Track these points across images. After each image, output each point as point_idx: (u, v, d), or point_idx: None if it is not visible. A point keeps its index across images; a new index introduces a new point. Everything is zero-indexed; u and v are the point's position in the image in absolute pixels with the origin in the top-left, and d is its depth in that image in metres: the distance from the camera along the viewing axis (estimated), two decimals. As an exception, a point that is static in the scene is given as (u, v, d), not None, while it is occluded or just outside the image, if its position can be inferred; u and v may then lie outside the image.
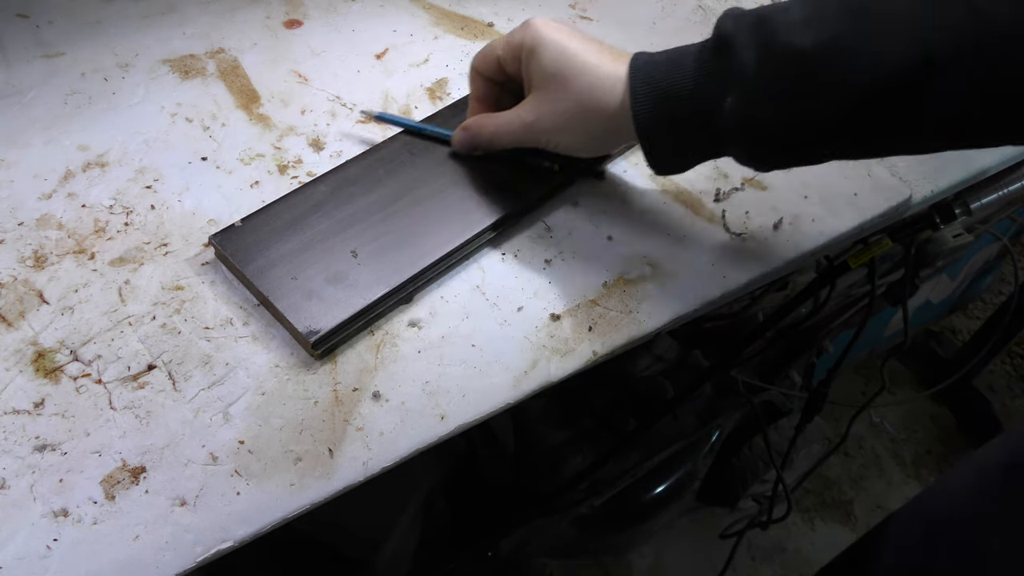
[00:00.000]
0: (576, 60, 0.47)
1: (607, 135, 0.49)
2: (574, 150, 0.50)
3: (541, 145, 0.50)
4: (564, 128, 0.48)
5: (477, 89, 0.53)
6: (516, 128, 0.50)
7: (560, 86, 0.47)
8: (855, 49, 0.39)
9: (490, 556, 0.98)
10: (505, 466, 0.96)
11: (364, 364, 0.46)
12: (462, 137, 0.53)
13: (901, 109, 0.39)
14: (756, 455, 1.23)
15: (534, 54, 0.48)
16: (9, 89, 0.56)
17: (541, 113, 0.48)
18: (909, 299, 0.85)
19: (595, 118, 0.47)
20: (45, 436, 0.40)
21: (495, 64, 0.51)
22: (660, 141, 0.46)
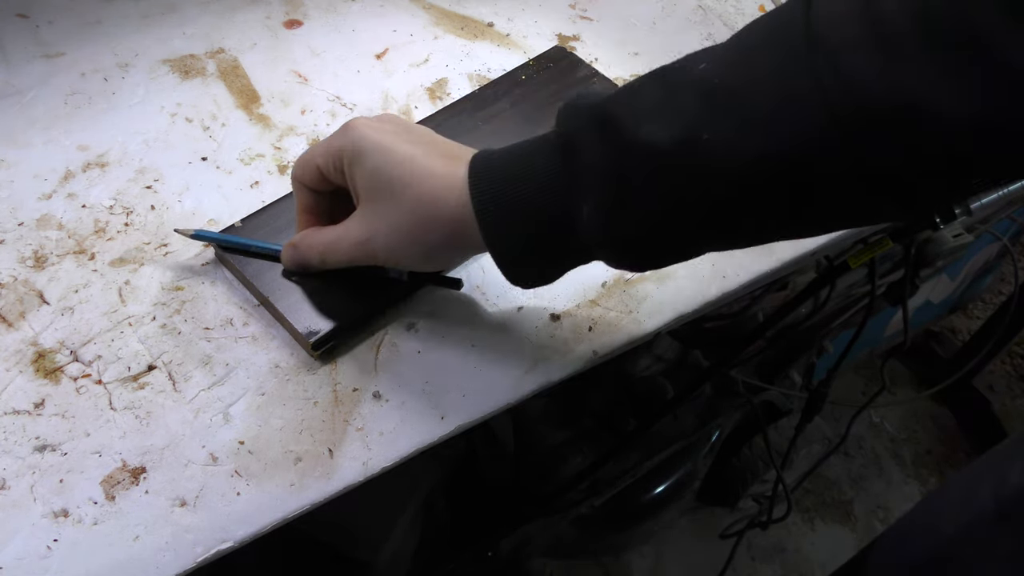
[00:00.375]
0: (405, 167, 0.40)
1: (451, 249, 0.42)
2: (416, 267, 0.45)
3: (379, 263, 0.44)
4: (400, 245, 0.42)
5: (303, 200, 0.46)
6: (348, 246, 0.43)
7: (389, 197, 0.41)
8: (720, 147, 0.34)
9: (490, 556, 0.98)
10: (505, 466, 0.96)
11: (364, 364, 0.46)
12: (291, 255, 0.46)
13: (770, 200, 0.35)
14: (756, 455, 1.23)
15: (356, 163, 0.41)
16: (9, 89, 0.56)
17: (372, 230, 0.42)
18: (909, 299, 0.85)
19: (433, 230, 0.41)
20: (45, 436, 0.40)
21: (316, 174, 0.44)
22: (515, 257, 0.41)
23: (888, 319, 1.35)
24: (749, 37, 0.35)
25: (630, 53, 0.67)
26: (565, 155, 0.38)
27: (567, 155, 0.38)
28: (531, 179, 0.38)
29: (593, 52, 0.66)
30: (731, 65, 0.34)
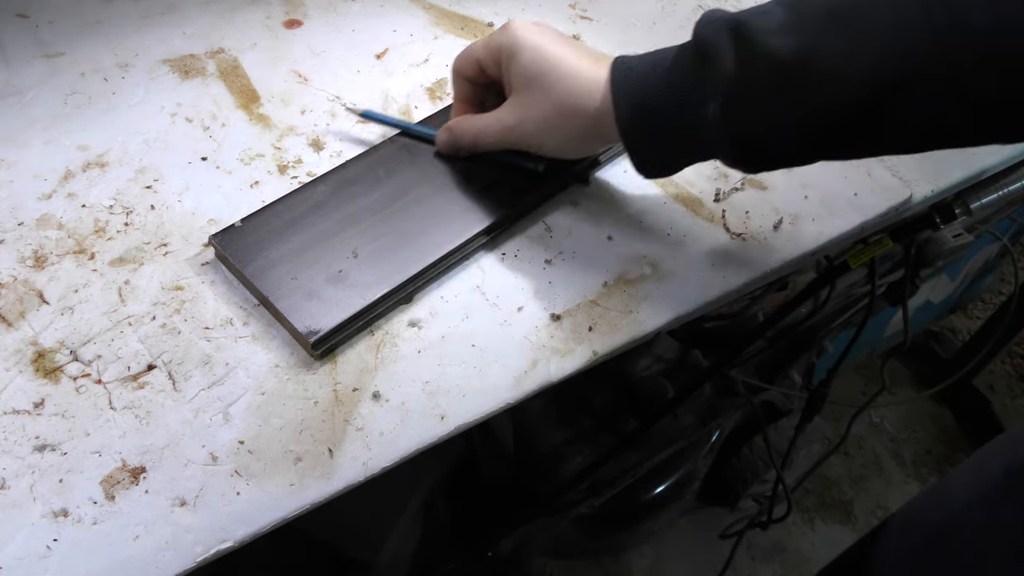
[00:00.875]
0: (555, 64, 0.47)
1: (589, 138, 0.49)
2: (557, 152, 0.51)
3: (523, 147, 0.51)
4: (545, 131, 0.49)
5: (460, 90, 0.53)
6: (498, 130, 0.50)
7: (540, 90, 0.48)
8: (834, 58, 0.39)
9: (490, 556, 0.98)
10: (505, 466, 0.96)
11: (364, 364, 0.46)
12: (445, 138, 0.53)
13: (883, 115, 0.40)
14: (756, 455, 1.23)
15: (513, 57, 0.48)
16: (9, 89, 0.56)
17: (522, 116, 0.49)
18: (909, 299, 0.85)
19: (576, 122, 0.48)
20: (45, 436, 0.40)
21: (476, 66, 0.51)
22: (644, 146, 0.47)
23: (888, 319, 1.35)
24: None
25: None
26: (699, 59, 0.43)
27: (701, 59, 0.43)
28: (666, 79, 0.44)
29: (593, 52, 0.66)
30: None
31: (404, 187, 0.52)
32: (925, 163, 0.63)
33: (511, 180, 0.53)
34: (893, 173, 0.61)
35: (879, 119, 0.40)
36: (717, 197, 0.57)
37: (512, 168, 0.53)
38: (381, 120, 0.57)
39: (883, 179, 0.60)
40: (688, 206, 0.56)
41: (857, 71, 0.39)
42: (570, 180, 0.55)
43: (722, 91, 0.42)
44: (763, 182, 0.59)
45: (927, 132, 0.41)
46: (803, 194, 0.58)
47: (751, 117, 0.42)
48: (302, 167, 0.55)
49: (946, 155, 0.64)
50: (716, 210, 0.56)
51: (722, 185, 0.58)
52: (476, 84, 0.53)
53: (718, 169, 0.59)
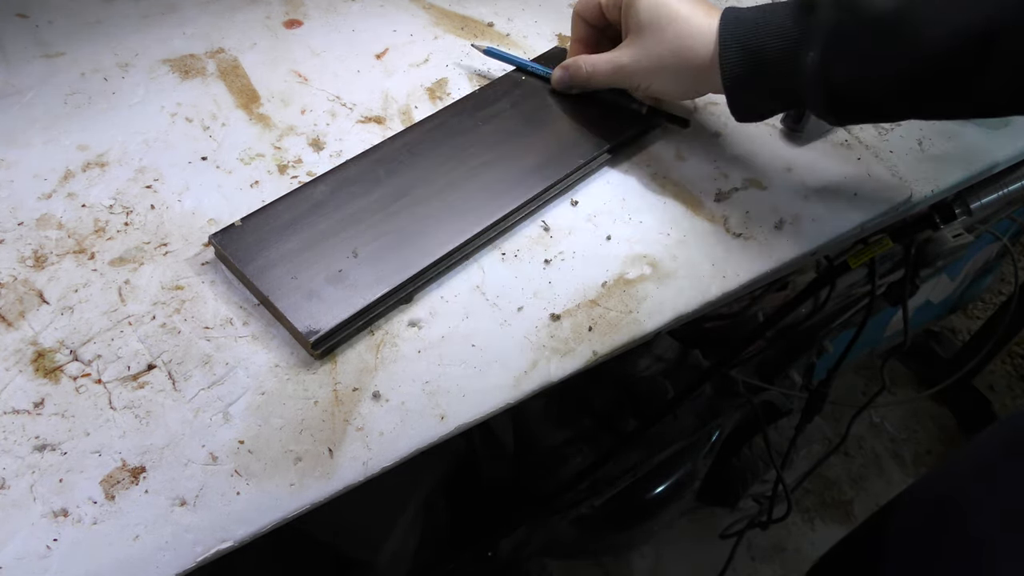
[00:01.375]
0: (671, 10, 0.51)
1: (695, 82, 0.53)
2: (663, 94, 0.56)
3: (633, 87, 0.55)
4: (656, 73, 0.53)
5: (578, 31, 0.58)
6: (612, 69, 0.55)
7: (655, 34, 0.52)
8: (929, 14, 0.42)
9: (490, 556, 0.98)
10: (505, 466, 0.96)
11: (364, 364, 0.46)
12: (561, 75, 0.58)
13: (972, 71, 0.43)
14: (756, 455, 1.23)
15: (633, 3, 0.52)
16: (9, 89, 0.56)
17: (636, 58, 0.53)
18: (909, 299, 0.85)
19: (685, 66, 0.51)
20: (45, 436, 0.40)
21: (596, 10, 0.56)
22: (744, 93, 0.51)
23: (888, 319, 1.34)
24: None
25: (630, 53, 0.67)
26: (804, 11, 0.47)
27: (805, 11, 0.47)
28: (770, 27, 0.48)
29: (593, 52, 0.66)
30: None
31: (404, 187, 0.52)
32: (925, 163, 0.63)
33: (509, 177, 0.53)
34: (893, 173, 0.61)
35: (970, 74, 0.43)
36: (717, 197, 0.57)
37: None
38: (501, 56, 0.61)
39: (883, 179, 0.60)
40: (688, 206, 0.56)
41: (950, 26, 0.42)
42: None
43: (821, 40, 0.45)
44: (763, 182, 0.59)
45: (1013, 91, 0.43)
46: (803, 194, 0.58)
47: (846, 67, 0.45)
48: (302, 167, 0.55)
49: (946, 155, 0.64)
50: (716, 210, 0.56)
51: (722, 185, 0.58)
52: (593, 27, 0.58)
53: (718, 169, 0.59)
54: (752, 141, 0.61)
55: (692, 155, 0.60)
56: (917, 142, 0.64)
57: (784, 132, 0.62)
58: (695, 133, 0.61)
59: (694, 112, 0.63)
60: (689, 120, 0.60)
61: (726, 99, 0.51)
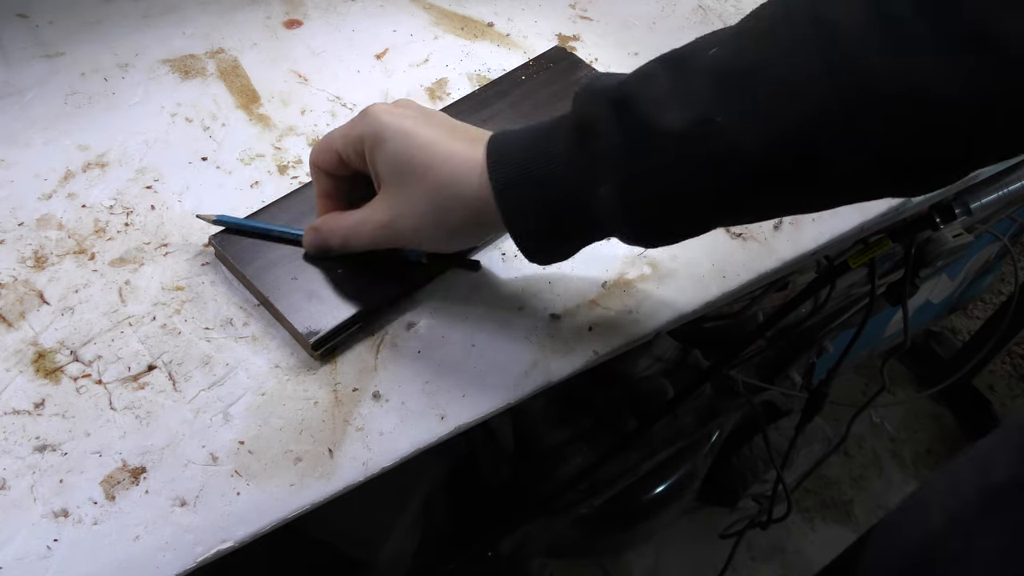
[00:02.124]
0: (426, 150, 0.42)
1: (472, 229, 0.44)
2: (436, 247, 0.47)
3: (401, 245, 0.46)
4: (424, 225, 0.43)
5: (321, 185, 0.47)
6: (371, 229, 0.45)
7: (413, 180, 0.42)
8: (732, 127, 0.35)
9: (490, 556, 0.98)
10: (505, 466, 0.96)
11: (364, 364, 0.46)
12: (313, 239, 0.47)
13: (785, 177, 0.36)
14: (756, 455, 1.23)
15: (378, 147, 0.43)
16: (9, 89, 0.56)
17: (396, 213, 0.43)
18: (909, 299, 0.85)
19: (456, 212, 0.42)
20: (45, 436, 0.40)
21: (335, 159, 0.45)
22: (533, 236, 0.42)
23: (888, 319, 1.34)
24: (757, 22, 0.36)
25: (630, 53, 0.67)
26: (582, 137, 0.39)
27: (584, 137, 0.39)
28: (548, 160, 0.40)
29: (593, 52, 0.66)
30: (740, 50, 0.36)
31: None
32: (925, 163, 0.63)
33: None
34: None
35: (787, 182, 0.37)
36: (717, 197, 0.57)
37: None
38: (236, 225, 0.49)
39: (883, 179, 0.60)
40: (688, 206, 0.56)
41: (757, 138, 0.35)
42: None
43: (614, 172, 0.38)
44: (763, 182, 0.59)
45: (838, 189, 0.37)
46: (803, 194, 0.58)
47: (649, 195, 0.38)
48: (302, 167, 0.55)
49: (946, 155, 0.64)
50: (716, 210, 0.56)
51: (722, 185, 0.58)
52: (338, 178, 0.47)
53: (718, 169, 0.59)
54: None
55: (692, 155, 0.60)
56: (917, 142, 0.64)
57: (784, 132, 0.62)
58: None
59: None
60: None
61: (519, 249, 0.43)
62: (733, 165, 0.36)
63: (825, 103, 0.33)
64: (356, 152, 0.44)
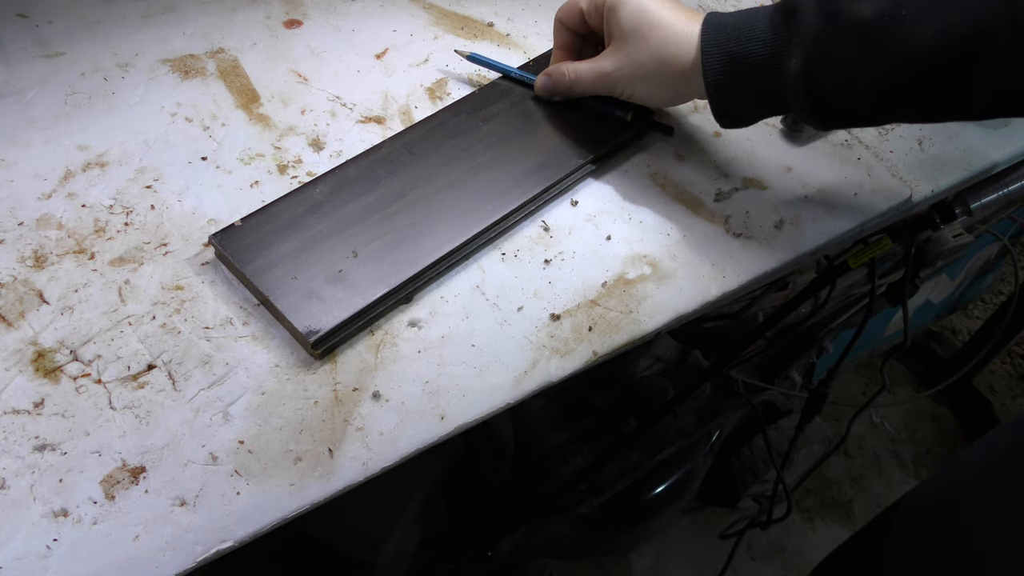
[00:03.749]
0: (653, 17, 0.51)
1: (679, 89, 0.52)
2: (647, 100, 0.55)
3: (616, 94, 0.54)
4: (639, 79, 0.52)
5: (560, 38, 0.57)
6: (595, 76, 0.54)
7: (638, 40, 0.51)
8: (913, 21, 0.42)
9: (490, 556, 0.98)
10: (505, 466, 0.96)
11: (364, 364, 0.46)
12: (544, 82, 0.57)
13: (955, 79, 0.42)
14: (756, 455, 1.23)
15: (615, 10, 0.52)
16: (9, 89, 0.56)
17: (619, 64, 0.52)
18: (909, 299, 0.85)
19: (669, 72, 0.51)
20: (45, 436, 0.40)
21: (578, 16, 0.55)
22: (727, 99, 0.50)
23: (888, 319, 1.34)
24: None
25: (630, 53, 0.67)
26: (786, 16, 0.46)
27: (787, 17, 0.46)
28: (752, 34, 0.48)
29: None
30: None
31: (404, 187, 0.52)
32: (925, 163, 0.63)
33: (509, 177, 0.53)
34: (893, 173, 0.61)
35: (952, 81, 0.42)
36: (717, 197, 0.57)
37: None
38: (485, 63, 0.61)
39: (883, 179, 0.60)
40: (688, 206, 0.56)
41: (932, 34, 0.41)
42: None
43: (804, 47, 0.45)
44: (763, 182, 0.59)
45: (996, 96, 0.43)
46: (803, 194, 0.58)
47: (830, 73, 0.45)
48: (302, 167, 0.55)
49: (946, 155, 0.64)
50: (716, 210, 0.56)
51: (722, 185, 0.58)
52: (576, 33, 0.57)
53: (718, 169, 0.59)
54: (752, 141, 0.61)
55: (692, 155, 0.60)
56: (917, 142, 0.64)
57: (784, 132, 0.62)
58: (695, 133, 0.61)
59: (695, 112, 0.63)
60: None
61: (710, 105, 0.51)
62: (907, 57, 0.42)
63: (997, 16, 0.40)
64: (596, 12, 0.54)
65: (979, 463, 0.52)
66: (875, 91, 0.45)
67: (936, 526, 0.51)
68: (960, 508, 0.50)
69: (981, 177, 0.65)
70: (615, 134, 0.58)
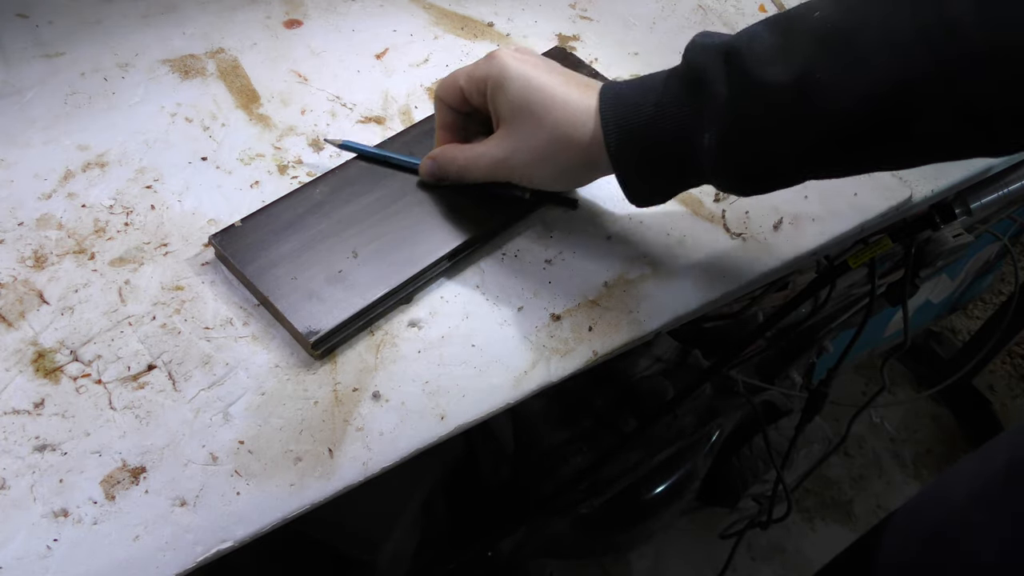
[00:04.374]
0: (545, 94, 0.46)
1: (581, 169, 0.48)
2: (547, 185, 0.50)
3: (514, 180, 0.49)
4: (537, 163, 0.47)
5: (442, 118, 0.52)
6: (487, 163, 0.49)
7: (531, 120, 0.46)
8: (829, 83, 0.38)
9: (490, 556, 0.98)
10: (505, 466, 0.96)
11: (364, 364, 0.46)
12: (430, 167, 0.51)
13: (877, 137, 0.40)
14: (756, 455, 1.23)
15: (500, 88, 0.47)
16: (9, 89, 0.56)
17: (513, 149, 0.48)
18: (909, 299, 0.85)
19: (568, 153, 0.47)
20: (45, 436, 0.40)
21: (459, 95, 0.50)
22: (637, 178, 0.46)
23: (888, 319, 1.34)
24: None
25: (630, 53, 0.67)
26: (692, 88, 0.42)
27: (694, 88, 0.42)
28: (657, 108, 0.44)
29: (593, 52, 0.66)
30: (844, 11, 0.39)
31: (404, 187, 0.52)
32: (925, 163, 0.63)
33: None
34: (893, 173, 0.61)
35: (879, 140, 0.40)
36: (717, 197, 0.57)
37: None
38: (358, 150, 0.54)
39: (883, 179, 0.60)
40: (688, 206, 0.56)
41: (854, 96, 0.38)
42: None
43: (717, 121, 0.41)
44: (763, 182, 0.59)
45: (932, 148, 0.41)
46: (803, 194, 0.58)
47: (748, 146, 0.42)
48: (302, 167, 0.55)
49: (946, 155, 0.64)
50: (716, 210, 0.56)
51: (722, 185, 0.58)
52: (459, 112, 0.51)
53: (718, 169, 0.59)
54: (752, 141, 0.61)
55: (692, 155, 0.60)
56: (917, 142, 0.64)
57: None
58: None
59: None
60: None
61: (620, 187, 0.47)
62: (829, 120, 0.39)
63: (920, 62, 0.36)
64: (479, 91, 0.48)
65: (973, 482, 0.50)
66: (799, 159, 0.42)
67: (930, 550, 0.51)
68: (955, 531, 0.49)
69: (981, 177, 0.65)
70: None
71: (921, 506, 0.55)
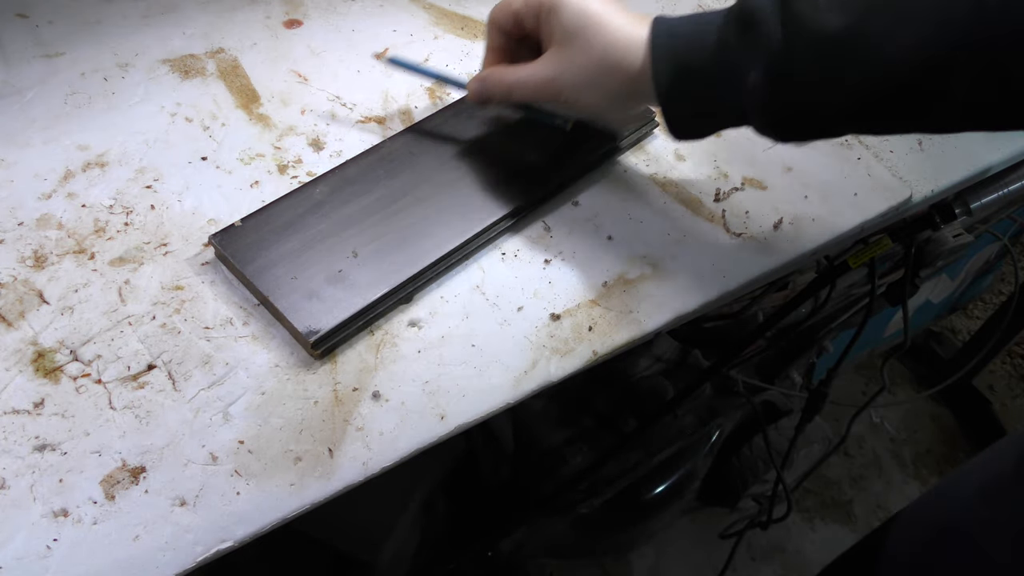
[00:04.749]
0: (598, 19, 0.47)
1: (626, 96, 0.49)
2: (591, 108, 0.50)
3: (559, 101, 0.50)
4: (584, 85, 0.48)
5: (493, 40, 0.53)
6: (536, 82, 0.50)
7: (582, 43, 0.47)
8: (880, 35, 0.39)
9: (490, 556, 0.98)
10: (505, 466, 0.96)
11: (364, 364, 0.46)
12: (477, 88, 0.52)
13: (922, 95, 0.40)
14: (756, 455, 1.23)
15: (555, 11, 0.48)
16: (9, 89, 0.56)
17: (562, 69, 0.48)
18: (909, 299, 0.85)
19: (615, 78, 0.47)
20: (45, 436, 0.40)
21: (512, 18, 0.51)
22: (680, 109, 0.47)
23: (888, 319, 1.34)
24: None
25: (630, 53, 0.67)
26: (745, 27, 0.43)
27: (746, 26, 0.43)
28: (707, 44, 0.44)
29: (593, 52, 0.66)
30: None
31: (404, 187, 0.52)
32: (925, 163, 0.63)
33: (513, 178, 0.53)
34: (893, 173, 0.61)
35: (920, 96, 0.40)
36: (717, 197, 0.57)
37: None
38: (408, 67, 0.57)
39: (883, 179, 0.60)
40: (688, 206, 0.56)
41: (901, 49, 0.39)
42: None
43: (766, 61, 0.42)
44: (763, 182, 0.59)
45: (967, 112, 0.41)
46: (803, 194, 0.58)
47: (793, 89, 0.42)
48: (302, 167, 0.55)
49: (946, 155, 0.64)
50: (716, 210, 0.56)
51: (722, 185, 0.58)
52: (510, 36, 0.52)
53: (718, 169, 0.59)
54: (752, 141, 0.61)
55: (692, 155, 0.60)
56: (917, 142, 0.64)
57: (784, 132, 0.62)
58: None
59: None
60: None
61: (662, 116, 0.48)
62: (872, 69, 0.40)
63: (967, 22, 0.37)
64: (533, 14, 0.49)
65: (981, 479, 0.50)
66: (841, 106, 0.43)
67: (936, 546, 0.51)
68: (962, 527, 0.48)
69: (981, 177, 0.65)
70: (615, 135, 0.57)
71: (928, 504, 0.55)
